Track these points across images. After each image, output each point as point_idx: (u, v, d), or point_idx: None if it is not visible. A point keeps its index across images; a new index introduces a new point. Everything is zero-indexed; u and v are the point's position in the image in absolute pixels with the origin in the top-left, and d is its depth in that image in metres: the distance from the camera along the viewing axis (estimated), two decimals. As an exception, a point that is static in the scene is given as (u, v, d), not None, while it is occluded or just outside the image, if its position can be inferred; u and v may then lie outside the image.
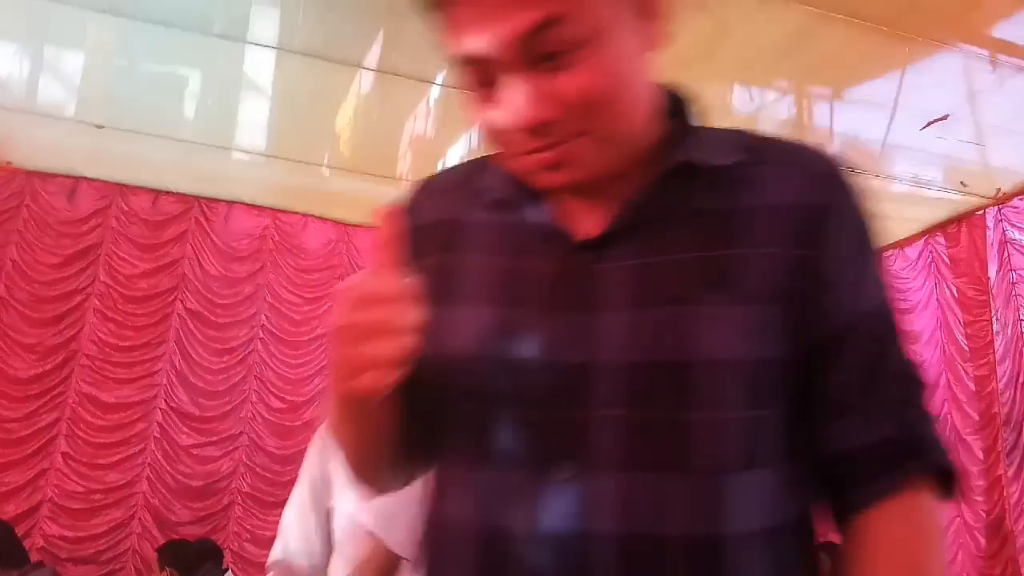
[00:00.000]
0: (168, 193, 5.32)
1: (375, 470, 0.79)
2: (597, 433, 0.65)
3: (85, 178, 5.15)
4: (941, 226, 5.46)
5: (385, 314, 0.61)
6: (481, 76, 0.66)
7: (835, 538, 0.73)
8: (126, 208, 5.24)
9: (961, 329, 5.42)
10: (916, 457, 0.70)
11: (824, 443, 0.70)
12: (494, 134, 0.68)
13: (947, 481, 0.71)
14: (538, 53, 0.63)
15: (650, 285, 0.68)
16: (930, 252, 5.61)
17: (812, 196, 0.70)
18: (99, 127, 4.41)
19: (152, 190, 5.29)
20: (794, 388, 0.69)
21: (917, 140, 4.46)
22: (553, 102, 0.64)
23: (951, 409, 5.47)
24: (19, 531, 4.15)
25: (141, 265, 5.23)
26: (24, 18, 3.68)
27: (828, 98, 4.34)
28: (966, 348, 5.37)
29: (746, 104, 4.46)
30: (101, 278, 5.12)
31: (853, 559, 0.69)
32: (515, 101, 0.64)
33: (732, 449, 0.66)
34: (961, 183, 4.86)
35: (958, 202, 5.15)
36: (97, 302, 5.10)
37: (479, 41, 0.63)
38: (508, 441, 0.68)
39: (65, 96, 4.47)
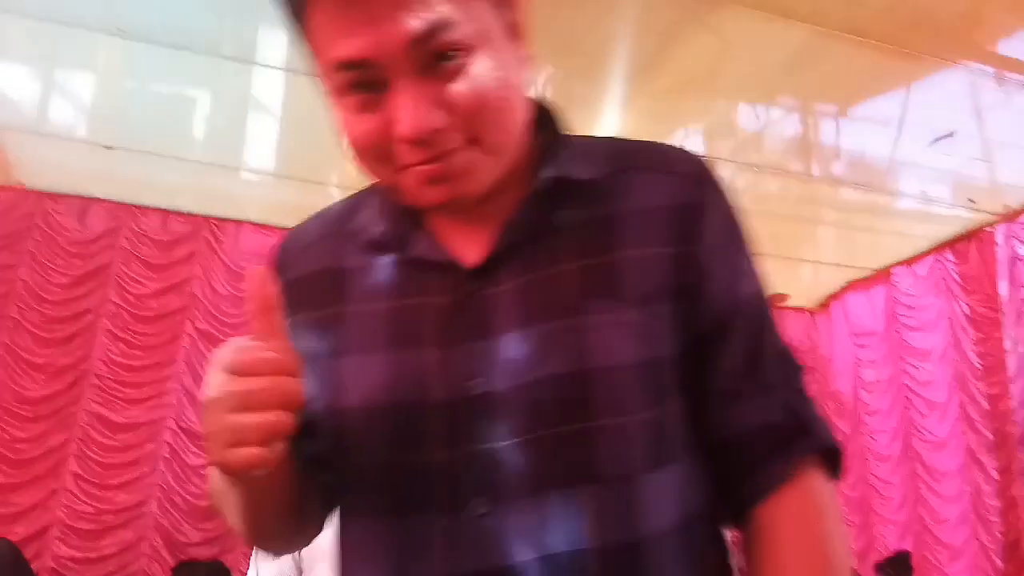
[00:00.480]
0: (178, 213, 5.36)
1: (270, 535, 0.76)
2: (506, 462, 0.65)
3: (96, 199, 5.20)
4: (950, 243, 5.43)
5: (262, 385, 0.58)
6: (360, 83, 0.63)
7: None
8: (136, 228, 5.28)
9: (973, 348, 5.37)
10: (802, 438, 0.71)
11: (714, 430, 0.71)
12: (369, 148, 0.65)
13: (832, 460, 0.72)
14: (428, 57, 0.61)
15: (539, 302, 0.67)
16: (940, 270, 5.58)
17: (685, 196, 0.72)
18: (109, 148, 4.45)
19: (162, 210, 5.33)
20: (689, 381, 0.70)
21: (924, 157, 4.46)
22: (445, 108, 0.62)
23: (965, 429, 5.41)
24: (29, 552, 4.15)
25: (151, 285, 5.26)
26: (35, 41, 3.74)
27: (834, 115, 4.35)
28: (978, 367, 5.32)
29: (751, 121, 4.48)
30: (111, 298, 5.15)
31: (757, 551, 0.69)
32: (405, 108, 0.61)
33: (639, 451, 0.66)
34: (969, 200, 4.85)
35: (967, 219, 5.13)
36: (107, 322, 5.12)
37: (364, 44, 0.61)
38: (416, 486, 0.67)
39: (76, 118, 4.53)
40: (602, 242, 0.69)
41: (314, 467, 0.72)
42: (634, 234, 0.70)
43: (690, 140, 4.52)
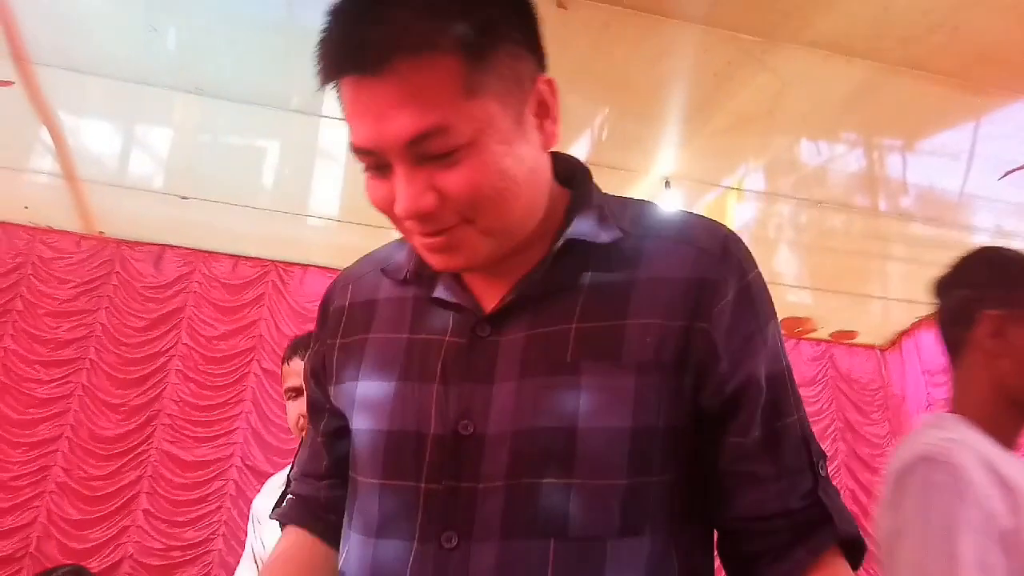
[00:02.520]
0: (247, 258, 5.52)
1: None
2: (482, 503, 0.67)
3: (170, 246, 5.41)
4: (1028, 278, 5.21)
5: None
6: (371, 162, 0.68)
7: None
8: (208, 273, 5.45)
9: (1056, 387, 5.11)
10: (826, 527, 0.70)
11: (728, 510, 0.71)
12: (384, 211, 0.70)
13: (854, 551, 0.71)
14: (423, 154, 0.65)
15: (538, 356, 0.69)
16: (1018, 305, 5.36)
17: (704, 271, 0.71)
18: (184, 198, 4.66)
19: (232, 255, 5.50)
20: (685, 455, 0.70)
21: (996, 190, 4.31)
22: (435, 195, 0.66)
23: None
24: (101, 588, 4.27)
25: (221, 327, 5.42)
26: (117, 100, 3.94)
27: (899, 150, 4.25)
28: (1063, 407, 5.06)
29: (814, 157, 4.41)
30: (183, 340, 5.30)
31: None
32: (400, 190, 0.66)
33: (610, 516, 0.66)
34: (1046, 233, 4.66)
35: (1045, 253, 4.92)
36: (179, 363, 5.27)
37: (368, 136, 0.65)
38: (401, 512, 0.70)
39: (153, 170, 4.72)
40: (612, 307, 0.71)
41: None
42: (645, 303, 0.71)
43: (750, 176, 4.48)
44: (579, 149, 4.15)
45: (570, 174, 0.79)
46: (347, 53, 0.64)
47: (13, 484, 4.80)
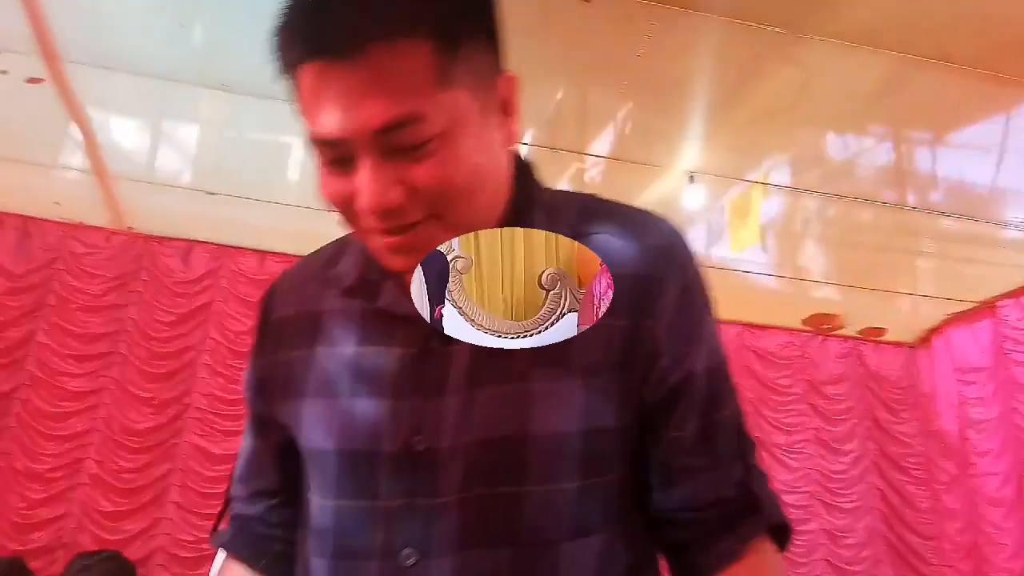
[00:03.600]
0: (273, 253, 5.57)
1: None
2: (438, 518, 0.66)
3: (198, 241, 5.48)
4: (1062, 273, 5.11)
5: None
6: (333, 154, 0.65)
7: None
8: (235, 269, 5.51)
9: (1091, 384, 5.00)
10: (754, 515, 0.71)
11: (664, 501, 0.72)
12: (339, 207, 0.68)
13: (781, 534, 0.73)
14: (393, 146, 0.62)
15: (488, 364, 0.68)
16: (1051, 301, 5.25)
17: (648, 268, 0.71)
18: (211, 194, 4.72)
19: (259, 251, 5.55)
20: (631, 451, 0.70)
21: (1029, 184, 4.23)
22: (404, 189, 0.63)
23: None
24: (132, 578, 4.34)
25: (248, 322, 5.47)
26: (145, 97, 4.00)
27: (928, 143, 4.19)
28: (1097, 405, 4.95)
29: (840, 151, 4.36)
30: (211, 335, 5.37)
31: None
32: (364, 184, 0.63)
33: (562, 519, 0.67)
34: (1081, 227, 4.56)
35: (1079, 248, 4.82)
36: (208, 358, 5.34)
37: (334, 125, 0.63)
38: (358, 531, 0.69)
39: (181, 166, 4.79)
40: None
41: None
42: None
43: (776, 171, 4.44)
44: (602, 144, 4.14)
45: (515, 170, 0.77)
46: (316, 37, 0.62)
47: (48, 476, 4.90)
